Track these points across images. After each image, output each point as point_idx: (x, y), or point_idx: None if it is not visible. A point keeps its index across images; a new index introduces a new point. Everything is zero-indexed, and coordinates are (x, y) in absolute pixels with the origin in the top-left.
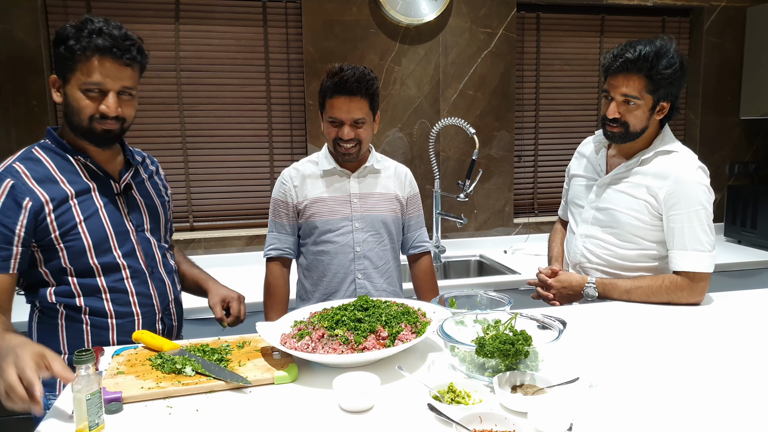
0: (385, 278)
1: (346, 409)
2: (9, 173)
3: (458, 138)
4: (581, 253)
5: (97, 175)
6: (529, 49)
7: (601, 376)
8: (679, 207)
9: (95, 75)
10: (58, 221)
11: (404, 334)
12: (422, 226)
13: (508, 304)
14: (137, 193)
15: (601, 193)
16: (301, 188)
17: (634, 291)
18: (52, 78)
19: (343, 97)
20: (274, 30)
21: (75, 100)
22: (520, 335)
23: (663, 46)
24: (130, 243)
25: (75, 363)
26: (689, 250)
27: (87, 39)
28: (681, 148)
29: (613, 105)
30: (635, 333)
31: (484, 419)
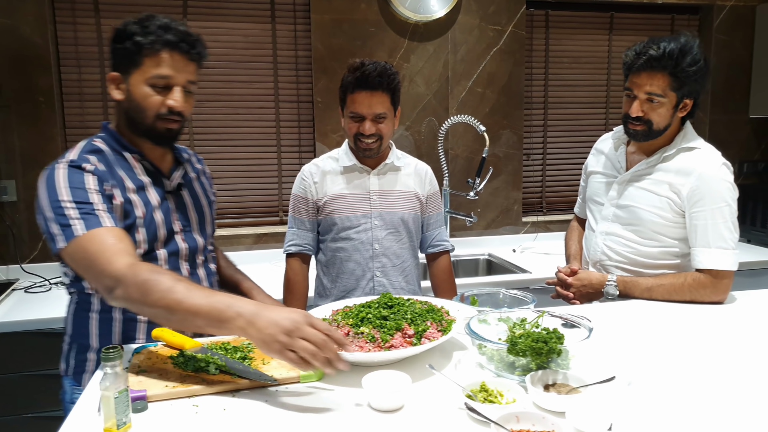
0: (404, 276)
1: (376, 408)
2: (86, 160)
3: (467, 136)
4: (601, 251)
5: (151, 172)
6: (537, 47)
7: (634, 374)
8: (702, 204)
9: (164, 68)
10: (124, 215)
11: (431, 332)
12: (442, 224)
13: (531, 302)
14: (187, 193)
15: (621, 191)
16: (321, 184)
17: (656, 289)
18: (112, 75)
19: (364, 92)
20: (282, 27)
21: (141, 96)
22: (553, 333)
23: (687, 42)
24: (174, 243)
25: (102, 360)
26: (713, 247)
27: (155, 33)
28: (704, 145)
29: (637, 103)
30: (660, 331)
31: (521, 419)
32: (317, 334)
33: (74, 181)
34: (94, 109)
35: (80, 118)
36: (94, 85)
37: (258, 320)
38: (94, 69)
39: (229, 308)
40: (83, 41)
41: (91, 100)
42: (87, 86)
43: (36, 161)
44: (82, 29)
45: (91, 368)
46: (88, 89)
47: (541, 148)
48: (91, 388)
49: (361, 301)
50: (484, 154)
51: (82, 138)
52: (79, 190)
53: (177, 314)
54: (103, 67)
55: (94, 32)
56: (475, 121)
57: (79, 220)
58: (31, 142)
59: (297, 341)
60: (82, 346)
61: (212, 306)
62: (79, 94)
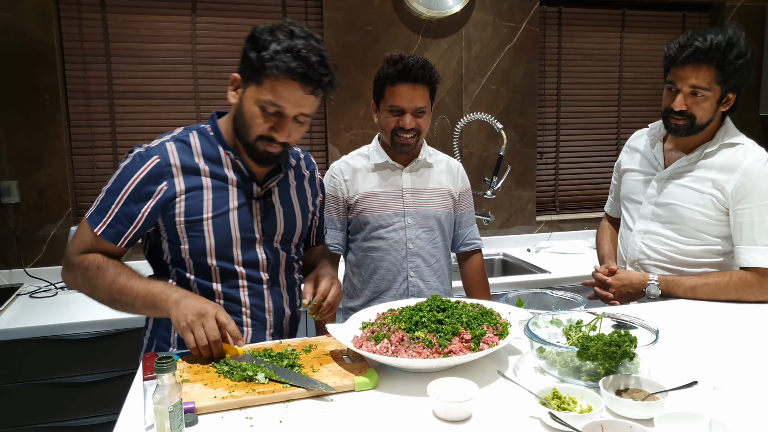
0: (437, 276)
1: (442, 418)
2: (159, 151)
3: (481, 134)
4: (640, 250)
5: (242, 173)
6: (550, 44)
7: (718, 378)
8: (748, 201)
9: (278, 98)
10: (187, 211)
11: (489, 337)
12: (473, 222)
13: (582, 303)
14: (277, 200)
15: (661, 188)
16: (351, 182)
17: (700, 288)
18: (234, 76)
19: (406, 85)
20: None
21: (249, 114)
22: (626, 336)
23: (734, 35)
24: (254, 251)
25: (156, 371)
26: (759, 245)
27: (282, 57)
28: (747, 140)
29: (680, 97)
30: (716, 331)
31: (606, 428)
32: (213, 330)
33: (123, 175)
34: (100, 107)
35: (86, 117)
36: (100, 83)
37: (181, 302)
38: (100, 66)
39: (161, 293)
40: (89, 37)
41: (98, 98)
42: (93, 83)
43: (40, 161)
44: (87, 25)
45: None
46: (95, 87)
47: (553, 146)
48: (132, 400)
49: (403, 304)
50: (502, 152)
51: (87, 137)
52: (121, 183)
53: (119, 299)
54: (109, 64)
55: (100, 28)
56: (493, 119)
57: (96, 207)
58: (35, 142)
59: (198, 327)
60: (161, 343)
61: (148, 291)
62: (85, 92)
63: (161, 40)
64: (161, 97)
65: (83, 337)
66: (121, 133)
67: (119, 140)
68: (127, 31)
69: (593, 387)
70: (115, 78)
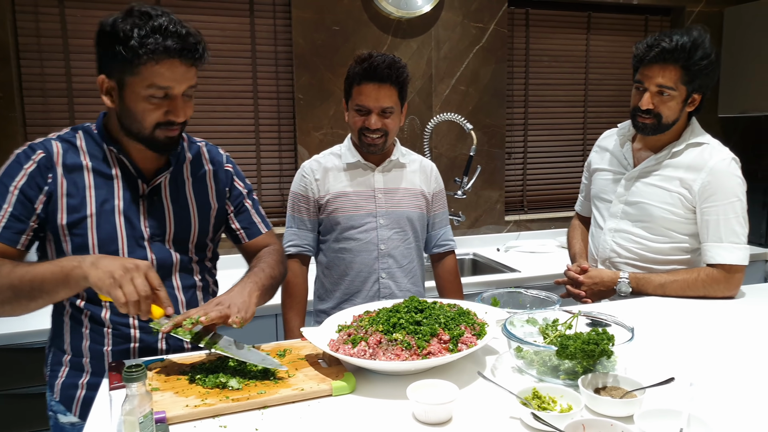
0: (410, 278)
1: (423, 421)
2: (43, 146)
3: (450, 134)
4: (611, 248)
5: (127, 170)
6: (518, 46)
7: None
8: (714, 199)
9: (163, 80)
10: (69, 209)
11: (467, 337)
12: (447, 224)
13: (557, 303)
14: (167, 198)
15: (630, 187)
16: (322, 182)
17: (669, 285)
18: (101, 79)
19: (372, 84)
20: (262, 21)
21: (137, 109)
22: (603, 335)
23: (699, 36)
24: (142, 251)
25: (125, 380)
26: (725, 242)
27: (154, 40)
28: (712, 140)
29: (647, 95)
30: (685, 327)
31: (587, 427)
32: (143, 285)
33: (6, 174)
34: (58, 105)
35: (43, 115)
36: (58, 80)
37: (100, 262)
38: (58, 63)
39: (72, 259)
40: (46, 32)
41: (56, 95)
42: (51, 81)
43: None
44: (44, 20)
45: (63, 375)
46: (52, 84)
47: (521, 146)
48: (97, 411)
49: (378, 306)
50: (472, 153)
51: (45, 137)
52: (8, 181)
53: (23, 287)
54: (68, 61)
55: (57, 23)
56: (463, 120)
57: None
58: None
59: (127, 282)
60: (58, 351)
61: (55, 264)
62: (42, 89)
63: None
64: None
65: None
66: None
67: None
68: (87, 26)
69: (571, 386)
70: (75, 75)
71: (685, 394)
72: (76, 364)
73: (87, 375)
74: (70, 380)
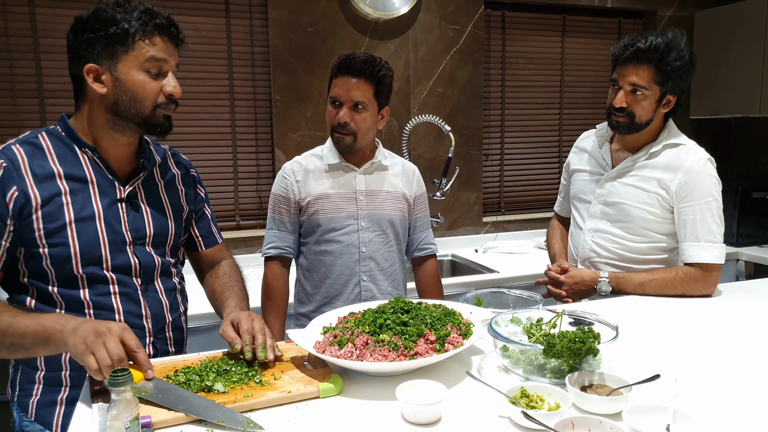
0: (391, 281)
1: (412, 422)
2: (5, 155)
3: (428, 136)
4: (590, 248)
5: (102, 173)
6: (495, 48)
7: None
8: (691, 199)
9: (158, 51)
10: (45, 218)
11: (453, 337)
12: (428, 227)
13: (540, 302)
14: (144, 201)
15: (609, 188)
16: (304, 183)
17: (648, 284)
18: (90, 67)
19: (346, 77)
20: (238, 22)
21: (137, 84)
22: (589, 333)
23: (674, 38)
24: (125, 255)
25: (110, 386)
26: (702, 241)
27: (145, 18)
28: (688, 141)
29: (621, 94)
30: (666, 324)
31: (576, 424)
32: (116, 348)
33: None
34: (28, 106)
35: (13, 117)
36: (29, 80)
37: (80, 328)
38: (28, 63)
39: (55, 323)
40: (15, 32)
41: (26, 96)
42: (21, 81)
43: None
44: (14, 19)
45: (38, 392)
46: (22, 84)
47: (498, 148)
48: (79, 418)
49: (363, 307)
50: (450, 154)
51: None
52: None
53: (4, 340)
54: (38, 61)
55: (27, 22)
56: (441, 122)
57: None
58: None
59: (99, 347)
60: (27, 369)
61: (39, 324)
62: (12, 90)
63: None
64: None
65: None
66: None
67: None
68: (58, 26)
69: (558, 384)
70: (45, 76)
71: (671, 390)
72: (53, 380)
73: (66, 390)
74: (46, 397)
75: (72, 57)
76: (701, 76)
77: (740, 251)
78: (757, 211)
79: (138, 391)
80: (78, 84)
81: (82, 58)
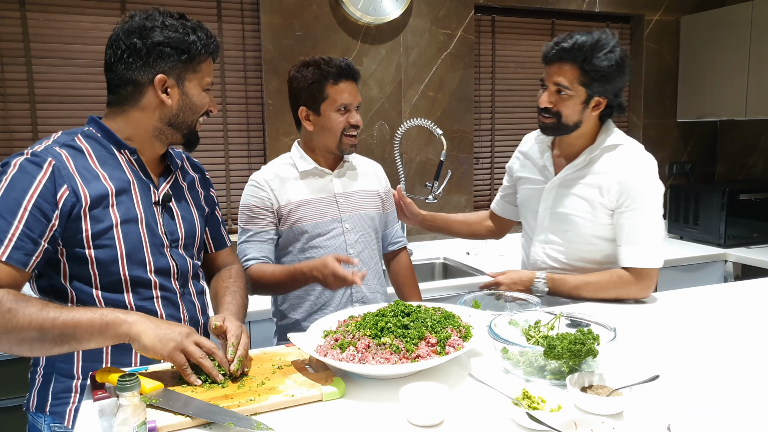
0: (377, 279)
1: (416, 423)
2: (50, 154)
3: (420, 139)
4: (541, 259)
5: (139, 176)
6: (485, 52)
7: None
8: (628, 202)
9: (210, 74)
10: (93, 220)
11: (454, 340)
12: (397, 221)
13: (537, 304)
14: (175, 204)
15: (553, 197)
16: (281, 191)
17: (583, 287)
18: (162, 78)
19: (349, 81)
20: (230, 26)
21: (199, 101)
22: (589, 334)
23: (601, 39)
24: (164, 258)
25: (118, 390)
26: (638, 245)
27: (212, 45)
28: (626, 141)
29: (546, 93)
30: (658, 327)
31: (579, 424)
32: (209, 342)
33: (15, 187)
34: (20, 111)
35: (4, 121)
36: (20, 85)
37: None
38: (20, 67)
39: (111, 312)
40: (6, 36)
41: (18, 101)
42: (12, 86)
43: None
44: (5, 23)
45: (75, 401)
46: (13, 89)
47: (488, 152)
48: (83, 423)
49: (363, 311)
50: (442, 158)
51: (6, 143)
52: (15, 197)
53: (52, 331)
54: (30, 65)
55: (18, 27)
56: (433, 125)
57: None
58: None
59: (190, 343)
60: (63, 378)
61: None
62: (3, 95)
63: (87, 41)
64: (88, 101)
65: None
66: None
67: None
68: (50, 31)
69: (558, 385)
70: (37, 80)
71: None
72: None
73: None
74: None
75: (136, 62)
76: (687, 80)
77: (728, 252)
78: (744, 213)
79: (148, 399)
80: (132, 88)
81: (152, 67)
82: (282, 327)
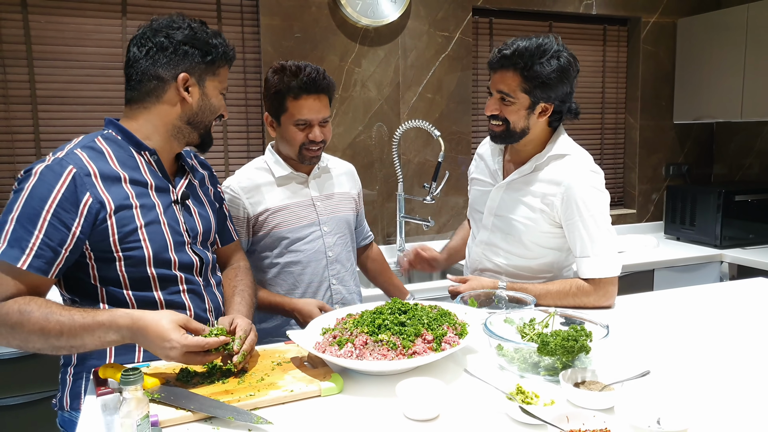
0: (353, 279)
1: (413, 418)
2: (71, 160)
3: (418, 141)
4: (480, 261)
5: (158, 176)
6: (483, 54)
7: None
8: (574, 214)
9: (226, 79)
10: (118, 223)
11: (450, 337)
12: (364, 216)
13: (532, 302)
14: (192, 202)
15: (498, 200)
16: (255, 199)
17: (544, 296)
18: (185, 76)
19: (312, 96)
20: (230, 29)
21: (216, 103)
22: (582, 331)
23: (543, 44)
24: (186, 254)
25: (122, 385)
26: (591, 256)
27: (231, 53)
28: (574, 150)
29: (491, 101)
30: (650, 324)
31: (571, 419)
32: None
33: (34, 196)
34: (22, 113)
35: (6, 123)
36: (22, 87)
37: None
38: (21, 69)
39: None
40: (8, 39)
41: (20, 103)
42: (14, 88)
43: None
44: (6, 26)
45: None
46: (15, 91)
47: None
48: (87, 415)
49: (360, 309)
50: (440, 159)
51: (8, 144)
52: (36, 204)
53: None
54: (32, 67)
55: (20, 29)
56: (431, 127)
57: (7, 240)
58: None
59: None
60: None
61: (105, 311)
62: (5, 97)
63: (89, 43)
64: (90, 103)
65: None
66: (46, 140)
67: (44, 148)
68: (51, 33)
69: (552, 381)
70: (39, 82)
71: (661, 385)
72: None
73: None
74: None
75: (162, 59)
76: (684, 82)
77: (724, 253)
78: (740, 214)
79: (150, 394)
80: (155, 84)
81: (177, 65)
82: (261, 331)
